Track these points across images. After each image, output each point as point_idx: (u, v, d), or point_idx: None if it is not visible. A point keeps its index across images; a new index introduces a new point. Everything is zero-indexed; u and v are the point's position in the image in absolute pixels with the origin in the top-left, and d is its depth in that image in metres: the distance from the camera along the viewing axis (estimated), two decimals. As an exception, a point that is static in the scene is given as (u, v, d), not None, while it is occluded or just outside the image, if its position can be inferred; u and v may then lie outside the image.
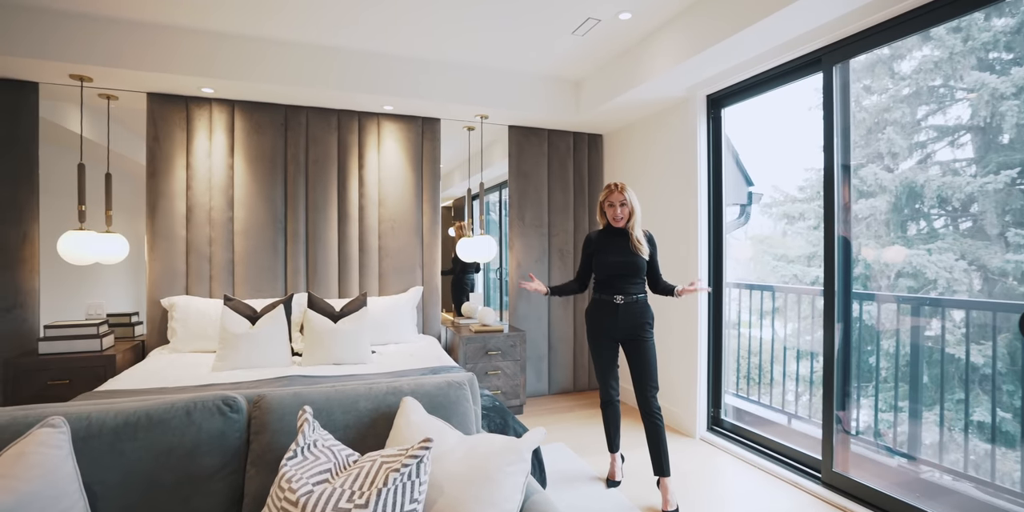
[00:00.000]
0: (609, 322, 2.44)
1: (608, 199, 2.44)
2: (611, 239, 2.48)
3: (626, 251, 2.43)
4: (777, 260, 4.38)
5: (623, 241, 2.45)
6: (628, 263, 2.41)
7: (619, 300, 2.42)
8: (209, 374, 2.59)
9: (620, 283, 2.43)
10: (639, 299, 2.44)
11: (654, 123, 3.65)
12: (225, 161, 3.36)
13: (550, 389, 4.17)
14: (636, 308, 2.42)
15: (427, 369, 2.72)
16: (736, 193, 3.61)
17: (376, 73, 3.28)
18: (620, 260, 2.42)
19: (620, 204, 2.42)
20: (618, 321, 2.42)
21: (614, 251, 2.45)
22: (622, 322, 2.42)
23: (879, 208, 3.12)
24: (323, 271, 3.54)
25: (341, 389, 1.43)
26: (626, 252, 2.43)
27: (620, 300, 2.41)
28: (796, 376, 3.34)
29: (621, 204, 2.42)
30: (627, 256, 2.42)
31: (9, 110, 3.02)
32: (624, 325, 2.42)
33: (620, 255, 2.43)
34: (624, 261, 2.41)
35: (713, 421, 3.21)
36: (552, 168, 4.20)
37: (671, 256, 3.45)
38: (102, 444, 1.20)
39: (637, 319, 2.42)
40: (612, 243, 2.47)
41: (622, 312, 2.41)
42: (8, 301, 3.01)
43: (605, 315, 2.45)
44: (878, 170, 3.19)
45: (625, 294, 2.42)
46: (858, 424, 2.71)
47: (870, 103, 3.23)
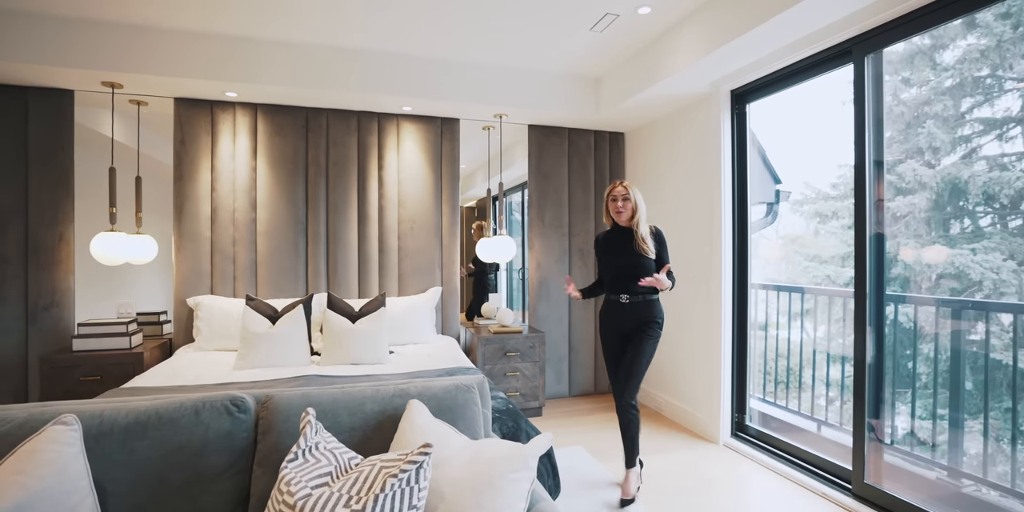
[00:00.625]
0: (617, 322, 2.47)
1: (611, 193, 2.44)
2: (616, 239, 2.48)
3: (630, 251, 2.42)
4: (809, 260, 4.22)
5: (627, 240, 2.44)
6: (631, 263, 2.40)
7: (624, 299, 2.44)
8: (230, 373, 2.64)
9: (625, 283, 2.43)
10: (646, 298, 2.44)
11: (677, 120, 3.56)
12: (248, 163, 3.43)
13: (570, 391, 4.11)
14: (643, 307, 2.44)
15: (443, 370, 2.71)
16: (762, 191, 3.49)
17: (395, 74, 3.30)
18: (623, 261, 2.42)
19: (623, 198, 2.40)
20: (624, 320, 2.45)
21: (618, 251, 2.45)
22: (628, 321, 2.44)
23: (918, 206, 2.97)
24: (343, 271, 3.57)
25: (348, 391, 1.43)
26: (630, 252, 2.42)
27: (625, 299, 2.43)
28: (827, 381, 3.21)
29: (624, 199, 2.40)
30: (630, 256, 2.41)
31: (48, 117, 3.14)
32: (630, 323, 2.44)
33: (623, 255, 2.43)
34: (627, 261, 2.41)
35: (737, 427, 3.11)
36: (572, 167, 4.15)
37: (694, 256, 3.36)
38: (113, 442, 1.22)
39: (643, 317, 2.43)
40: (617, 243, 2.47)
41: (628, 311, 2.44)
42: (45, 300, 3.13)
43: (613, 315, 2.48)
44: (917, 166, 3.04)
45: (631, 293, 2.43)
46: (893, 433, 2.58)
47: (909, 96, 3.08)
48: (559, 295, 4.06)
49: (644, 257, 2.39)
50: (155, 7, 2.70)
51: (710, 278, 3.19)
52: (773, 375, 3.57)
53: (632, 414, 2.45)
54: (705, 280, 3.24)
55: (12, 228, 3.09)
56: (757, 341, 3.27)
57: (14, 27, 2.73)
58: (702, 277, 3.27)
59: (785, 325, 3.48)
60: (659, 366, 3.76)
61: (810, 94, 3.39)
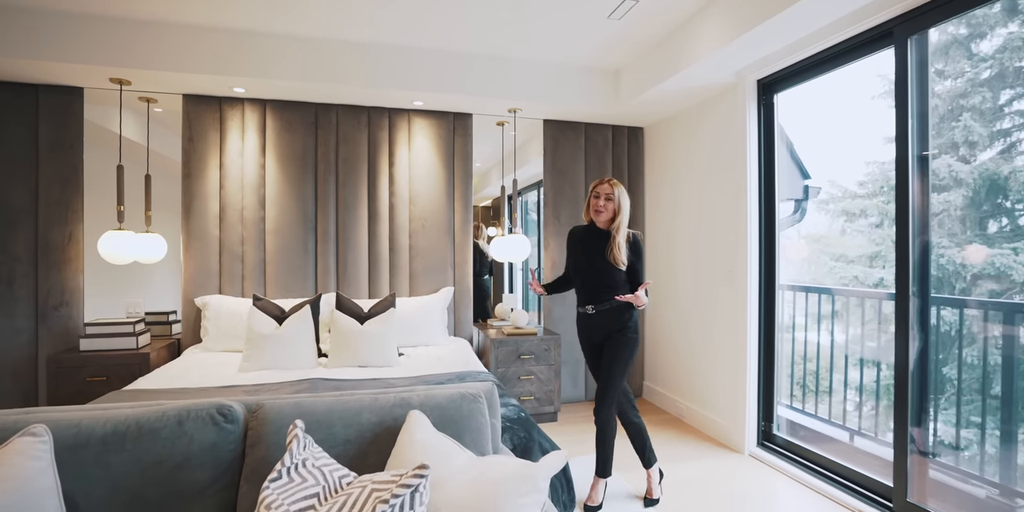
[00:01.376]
0: (587, 332, 2.34)
1: (594, 190, 2.25)
2: (591, 241, 2.28)
3: (600, 260, 2.22)
4: (835, 260, 4.02)
5: (601, 246, 2.23)
6: (599, 273, 2.23)
7: (590, 310, 2.29)
8: (235, 375, 2.56)
9: (591, 293, 2.28)
10: (613, 306, 2.25)
11: (699, 112, 3.40)
12: (257, 160, 3.36)
13: (587, 395, 3.97)
14: (610, 316, 2.27)
15: (453, 374, 2.60)
16: (790, 187, 3.30)
17: (406, 68, 3.20)
18: (592, 270, 2.24)
19: (606, 197, 2.20)
20: (593, 331, 2.31)
21: (588, 257, 2.27)
22: (597, 331, 2.30)
23: (953, 203, 2.77)
24: (353, 271, 3.49)
25: (344, 400, 1.32)
26: (600, 260, 2.22)
27: (591, 310, 2.28)
28: (860, 388, 3.01)
29: (607, 198, 2.20)
30: (600, 265, 2.22)
31: (57, 115, 3.12)
32: (600, 333, 2.30)
33: (593, 263, 2.24)
34: (595, 272, 2.23)
35: (764, 436, 2.94)
36: (589, 164, 4.00)
37: (718, 255, 3.19)
38: (88, 455, 1.13)
39: (612, 326, 2.27)
40: (589, 248, 2.27)
41: (596, 321, 2.29)
42: (55, 299, 3.10)
43: (583, 325, 2.36)
44: (952, 161, 2.85)
45: (596, 303, 2.27)
46: (938, 445, 2.39)
47: (943, 89, 2.88)
48: (574, 295, 3.91)
49: (614, 269, 2.20)
50: (161, 1, 2.64)
51: (735, 278, 3.02)
52: (801, 381, 3.38)
53: (608, 422, 2.27)
54: (729, 280, 3.07)
55: (23, 227, 3.07)
56: (783, 345, 3.09)
57: (19, 23, 2.70)
58: (726, 277, 3.11)
59: (811, 328, 3.30)
60: (680, 370, 3.60)
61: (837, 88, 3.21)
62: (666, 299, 3.81)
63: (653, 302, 4.00)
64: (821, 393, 3.29)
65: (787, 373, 3.28)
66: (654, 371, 3.98)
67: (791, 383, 3.36)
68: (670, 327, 3.75)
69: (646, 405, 3.90)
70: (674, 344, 3.70)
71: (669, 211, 3.77)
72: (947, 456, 2.36)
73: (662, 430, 3.33)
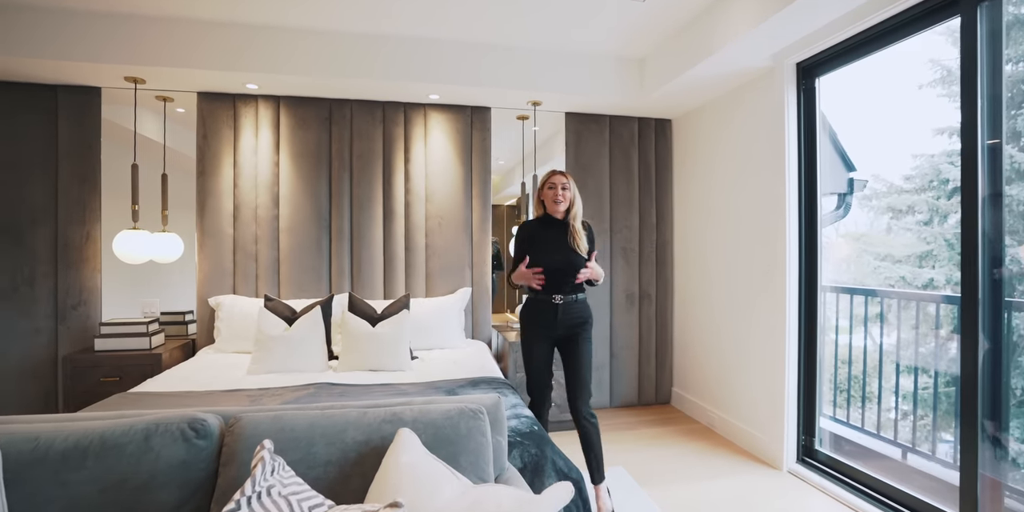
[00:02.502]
0: (548, 323, 2.31)
1: (549, 181, 2.30)
2: (549, 232, 2.32)
3: (564, 247, 2.28)
4: (880, 260, 3.72)
5: (561, 235, 2.29)
6: (567, 261, 2.25)
7: (558, 300, 2.29)
8: (242, 377, 2.48)
9: (558, 282, 2.28)
10: (579, 298, 2.33)
11: (732, 101, 3.17)
12: (271, 158, 3.30)
13: (611, 402, 3.78)
14: (576, 307, 2.31)
15: (468, 380, 2.46)
16: (833, 180, 3.04)
17: (421, 60, 3.07)
18: (559, 258, 2.26)
19: (562, 187, 2.26)
20: (557, 322, 2.30)
21: (552, 248, 2.29)
22: (561, 322, 2.30)
23: (1016, 198, 2.49)
24: (368, 271, 3.39)
25: (329, 414, 1.19)
26: (564, 249, 2.28)
27: (559, 300, 2.29)
28: (915, 399, 2.74)
29: (563, 188, 2.27)
30: (566, 254, 2.27)
31: (76, 115, 3.12)
32: (563, 325, 2.30)
33: (559, 252, 2.27)
34: (564, 259, 2.26)
35: (805, 451, 2.70)
36: (614, 158, 3.81)
37: (754, 254, 2.96)
38: (45, 472, 1.03)
39: (576, 318, 2.31)
40: (550, 238, 2.30)
41: (562, 312, 2.29)
42: (73, 299, 3.10)
43: (543, 316, 2.31)
44: (1015, 152, 2.56)
45: (564, 293, 2.29)
46: (1016, 469, 2.11)
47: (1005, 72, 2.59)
48: (600, 297, 3.74)
49: (578, 255, 2.26)
50: None
51: (772, 279, 2.79)
52: (846, 391, 3.11)
53: (592, 423, 2.27)
54: (766, 281, 2.84)
55: (43, 226, 3.08)
56: (824, 348, 2.84)
57: (34, 23, 2.69)
58: (763, 278, 2.87)
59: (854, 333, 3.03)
60: (711, 377, 3.37)
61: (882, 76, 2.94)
62: (697, 300, 3.59)
63: (682, 303, 3.78)
64: (867, 404, 3.01)
65: (830, 382, 3.02)
66: (683, 377, 3.76)
67: (834, 393, 3.09)
68: (701, 330, 3.53)
69: (674, 413, 3.68)
70: (705, 348, 3.47)
71: (700, 207, 3.54)
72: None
73: (691, 441, 3.12)
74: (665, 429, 3.35)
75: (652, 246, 3.86)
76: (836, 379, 3.08)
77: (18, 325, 3.05)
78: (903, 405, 2.80)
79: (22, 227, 3.05)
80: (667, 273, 3.89)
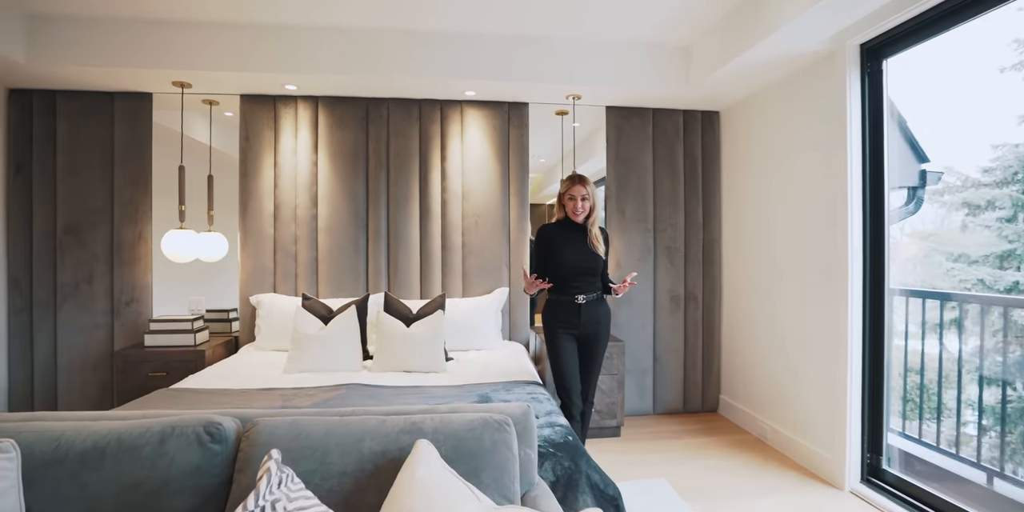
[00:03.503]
0: (573, 323, 2.39)
1: (569, 192, 2.37)
2: (568, 235, 2.42)
3: (585, 249, 2.39)
4: (953, 261, 3.38)
5: (581, 237, 2.40)
6: (589, 262, 2.38)
7: (581, 300, 2.38)
8: (278, 376, 2.50)
9: (581, 282, 2.39)
10: (599, 298, 2.45)
11: (787, 89, 2.94)
12: (309, 158, 3.33)
13: (654, 408, 3.61)
14: (599, 307, 2.44)
15: (502, 384, 2.38)
16: (903, 172, 2.77)
17: (457, 55, 3.02)
18: (581, 259, 2.37)
19: (582, 198, 2.35)
20: (581, 321, 2.39)
21: (573, 250, 2.39)
22: (586, 322, 2.40)
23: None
24: (404, 270, 3.37)
25: (347, 421, 1.13)
26: (585, 250, 2.39)
27: (582, 299, 2.39)
28: (1002, 418, 2.45)
29: (583, 198, 2.36)
30: (587, 255, 2.38)
31: (129, 120, 3.25)
32: (589, 326, 2.40)
33: (580, 253, 2.38)
34: (585, 260, 2.37)
35: (870, 470, 2.46)
36: (658, 153, 3.64)
37: (811, 253, 2.74)
38: (64, 473, 1.01)
39: (600, 317, 2.43)
40: (570, 240, 2.40)
41: (585, 312, 2.39)
42: (127, 296, 3.23)
43: (568, 316, 2.40)
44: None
45: (586, 293, 2.39)
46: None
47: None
48: (642, 298, 3.58)
49: (598, 256, 2.39)
50: (217, 3, 2.64)
51: (833, 280, 2.56)
52: (916, 404, 2.83)
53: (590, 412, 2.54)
54: (825, 282, 2.62)
55: (101, 227, 3.22)
56: (892, 359, 2.58)
57: (85, 32, 2.81)
58: (822, 279, 2.65)
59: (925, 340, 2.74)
60: (762, 385, 3.16)
61: (956, 57, 2.65)
62: (746, 303, 3.37)
63: (730, 306, 3.56)
64: (943, 420, 2.72)
65: (898, 395, 2.75)
66: (731, 384, 3.54)
67: (903, 406, 2.82)
68: (751, 334, 3.31)
69: (721, 422, 3.48)
70: (755, 354, 3.25)
71: (751, 204, 3.33)
72: None
73: (741, 453, 2.92)
74: (712, 439, 3.16)
75: (698, 245, 3.67)
76: (906, 391, 2.81)
77: (80, 320, 3.21)
78: (988, 424, 2.51)
79: (83, 228, 3.21)
80: (714, 274, 3.68)
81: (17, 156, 3.19)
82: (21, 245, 3.19)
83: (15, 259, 3.18)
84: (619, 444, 3.07)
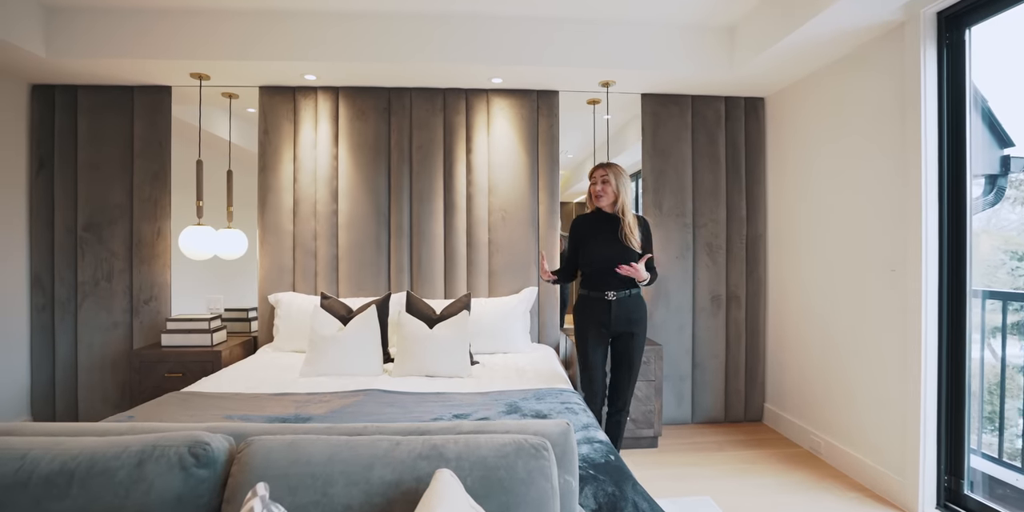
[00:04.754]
0: (603, 320, 2.28)
1: (591, 176, 2.26)
2: (600, 226, 2.28)
3: (615, 242, 2.24)
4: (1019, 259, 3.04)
5: (613, 229, 2.25)
6: (619, 256, 2.20)
7: (611, 296, 2.25)
8: (294, 380, 2.36)
9: (611, 278, 2.23)
10: (633, 294, 2.29)
11: (845, 69, 2.67)
12: (329, 151, 3.20)
13: (693, 417, 3.36)
14: (630, 303, 2.28)
15: (532, 391, 2.18)
16: (983, 159, 2.47)
17: (482, 38, 2.84)
18: (610, 254, 2.22)
19: (602, 181, 2.22)
20: (611, 319, 2.27)
21: (603, 242, 2.25)
22: (616, 320, 2.27)
23: None
24: (428, 268, 3.21)
25: (355, 444, 0.95)
26: (615, 244, 2.23)
27: (612, 296, 2.25)
28: (1103, 439, 2.13)
29: (604, 181, 2.21)
30: (617, 248, 2.22)
31: (149, 114, 3.18)
32: (618, 322, 2.27)
33: (610, 247, 2.24)
34: (615, 254, 2.21)
35: (948, 495, 2.18)
36: (697, 143, 3.39)
37: (874, 252, 2.46)
38: (27, 499, 0.86)
39: (633, 316, 2.28)
40: (602, 232, 2.27)
41: (616, 309, 2.26)
42: (146, 294, 3.16)
43: (597, 314, 2.28)
44: None
45: (617, 290, 2.25)
46: None
47: None
48: (680, 299, 3.34)
49: (631, 250, 2.22)
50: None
51: (904, 280, 2.28)
52: (996, 421, 2.52)
53: (624, 418, 2.39)
54: (892, 282, 2.34)
55: (120, 223, 3.16)
56: (972, 369, 2.28)
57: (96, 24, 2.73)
58: (887, 277, 2.37)
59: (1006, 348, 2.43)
60: (814, 394, 2.88)
61: None
62: (795, 303, 3.09)
63: (777, 307, 3.29)
64: (1029, 438, 2.41)
65: (982, 410, 2.45)
66: (778, 392, 3.27)
67: (994, 424, 2.51)
68: (801, 338, 3.03)
69: (768, 433, 3.21)
70: (806, 359, 2.98)
71: (801, 197, 3.05)
72: None
73: (792, 469, 2.66)
74: (758, 452, 2.90)
75: (742, 242, 3.40)
76: (1002, 409, 2.50)
77: (100, 318, 3.15)
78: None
79: (103, 224, 3.15)
80: (759, 272, 3.41)
81: (40, 152, 3.15)
82: (43, 242, 3.15)
83: (37, 256, 3.14)
84: (657, 456, 2.85)
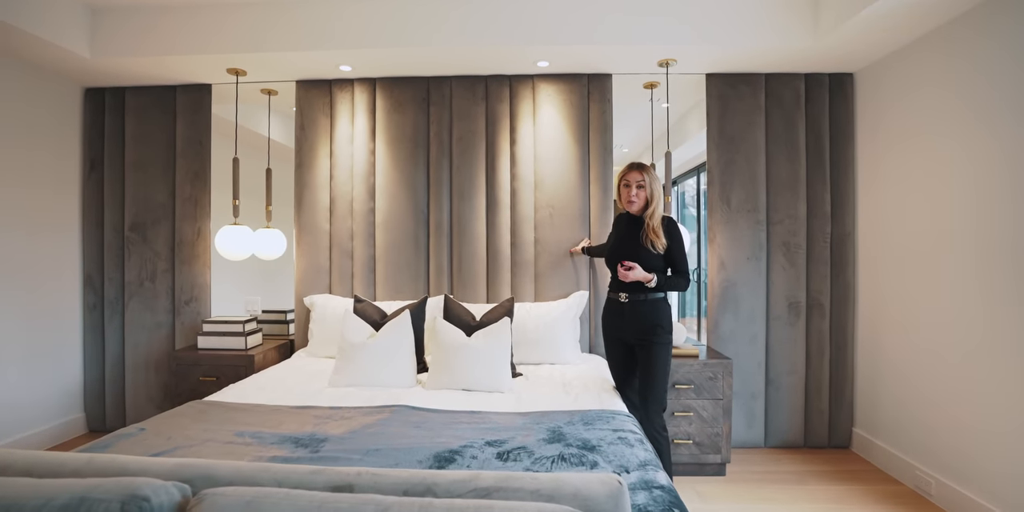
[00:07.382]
0: (619, 324, 2.22)
1: (624, 178, 2.15)
2: (628, 227, 2.22)
3: (634, 243, 2.15)
4: None
5: (637, 230, 2.17)
6: (628, 258, 2.11)
7: (624, 298, 2.18)
8: (320, 390, 2.19)
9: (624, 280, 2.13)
10: (648, 298, 2.16)
11: (957, 34, 2.20)
12: (366, 146, 3.04)
13: (766, 441, 2.95)
14: (644, 308, 2.15)
15: (579, 414, 1.88)
16: None
17: (527, 17, 2.58)
18: (621, 254, 2.16)
19: (637, 185, 2.11)
20: (625, 323, 2.19)
21: (623, 243, 2.20)
22: (629, 324, 2.18)
23: None
24: (469, 270, 2.98)
25: (335, 506, 0.71)
26: (634, 245, 2.15)
27: (625, 298, 2.18)
28: None
29: (638, 185, 2.11)
30: (634, 249, 2.15)
31: (189, 113, 3.15)
32: (632, 328, 2.17)
33: (623, 247, 2.18)
34: (624, 255, 2.14)
35: (1118, 562, 1.70)
36: (772, 128, 2.98)
37: (1004, 251, 1.99)
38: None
39: (645, 321, 2.15)
40: (626, 233, 2.21)
41: (628, 312, 2.18)
42: (187, 294, 3.12)
43: (613, 316, 2.24)
44: None
45: (630, 291, 2.16)
46: None
47: None
48: (751, 306, 2.94)
49: (648, 252, 2.12)
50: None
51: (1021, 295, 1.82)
52: None
53: (663, 436, 2.13)
54: (1017, 282, 1.88)
55: (163, 223, 3.15)
56: None
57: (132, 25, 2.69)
58: (1019, 283, 1.91)
59: None
60: (916, 420, 2.41)
61: None
62: (892, 313, 2.62)
63: (869, 316, 2.82)
64: None
65: None
66: (871, 415, 2.80)
67: None
68: (899, 354, 2.57)
69: (858, 464, 2.75)
70: (907, 380, 2.51)
71: (902, 189, 2.58)
72: None
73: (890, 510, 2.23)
74: (850, 488, 2.47)
75: (826, 241, 2.96)
76: None
77: (144, 319, 3.14)
78: None
79: (147, 224, 3.14)
80: (847, 276, 2.95)
81: (91, 154, 3.18)
82: (94, 242, 3.18)
83: (89, 256, 3.18)
84: (725, 486, 2.48)
